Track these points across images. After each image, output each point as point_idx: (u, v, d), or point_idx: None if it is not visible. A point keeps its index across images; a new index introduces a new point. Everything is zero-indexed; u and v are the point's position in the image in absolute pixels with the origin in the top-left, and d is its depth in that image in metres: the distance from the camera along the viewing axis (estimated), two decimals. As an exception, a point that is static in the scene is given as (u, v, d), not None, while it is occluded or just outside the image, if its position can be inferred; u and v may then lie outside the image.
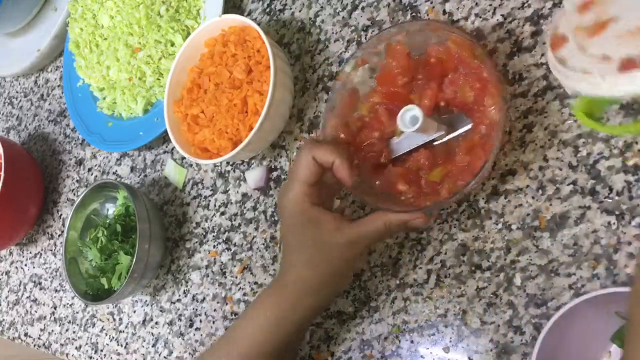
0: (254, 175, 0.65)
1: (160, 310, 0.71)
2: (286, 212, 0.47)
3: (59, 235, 0.86)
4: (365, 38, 0.60)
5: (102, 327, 0.77)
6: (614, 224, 0.44)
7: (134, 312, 0.74)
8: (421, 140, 0.46)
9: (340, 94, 0.51)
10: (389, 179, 0.47)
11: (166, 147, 0.75)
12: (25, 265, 0.90)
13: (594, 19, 0.42)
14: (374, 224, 0.46)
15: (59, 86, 0.91)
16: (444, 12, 0.55)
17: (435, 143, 0.47)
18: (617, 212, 0.44)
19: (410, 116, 0.44)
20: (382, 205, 0.47)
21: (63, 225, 0.85)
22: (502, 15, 0.51)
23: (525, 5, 0.50)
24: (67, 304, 0.82)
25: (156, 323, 0.71)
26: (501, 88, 0.44)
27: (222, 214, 0.68)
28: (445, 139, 0.46)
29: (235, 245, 0.66)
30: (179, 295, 0.70)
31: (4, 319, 0.91)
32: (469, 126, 0.45)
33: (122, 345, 0.74)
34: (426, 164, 0.46)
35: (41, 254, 0.88)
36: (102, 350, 0.76)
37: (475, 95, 0.45)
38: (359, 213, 0.56)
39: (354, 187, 0.47)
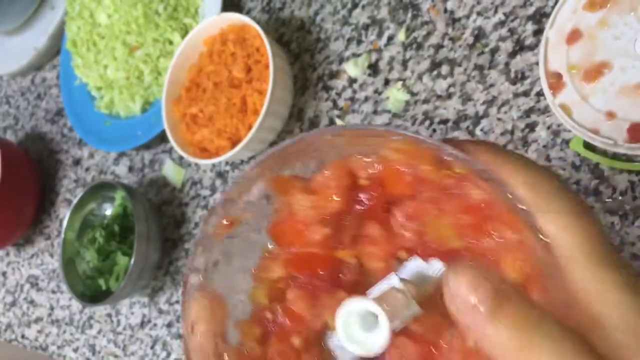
0: (253, 175, 0.64)
1: (159, 312, 0.71)
2: None
3: (56, 236, 0.85)
4: (366, 37, 0.59)
5: (100, 329, 0.77)
6: (617, 224, 0.43)
7: (132, 313, 0.73)
8: (384, 338, 0.22)
9: (192, 308, 0.25)
10: None
11: (164, 146, 0.74)
12: (22, 266, 0.89)
13: (584, 58, 0.42)
14: None
15: (56, 85, 0.91)
16: (445, 10, 0.54)
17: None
18: (620, 213, 0.43)
19: (359, 316, 0.22)
20: None
21: (60, 225, 0.84)
22: (504, 13, 0.51)
23: (528, 3, 0.50)
24: (65, 305, 0.82)
25: (154, 325, 0.71)
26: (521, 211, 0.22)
27: (221, 214, 0.67)
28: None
29: (234, 245, 0.65)
30: (178, 297, 0.69)
31: (0, 321, 0.90)
32: (412, 311, 0.22)
33: (120, 347, 0.74)
34: None
35: (38, 255, 0.87)
36: (99, 352, 0.76)
37: (466, 236, 0.22)
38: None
39: None
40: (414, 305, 0.22)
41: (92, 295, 0.70)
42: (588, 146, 0.43)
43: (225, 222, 0.25)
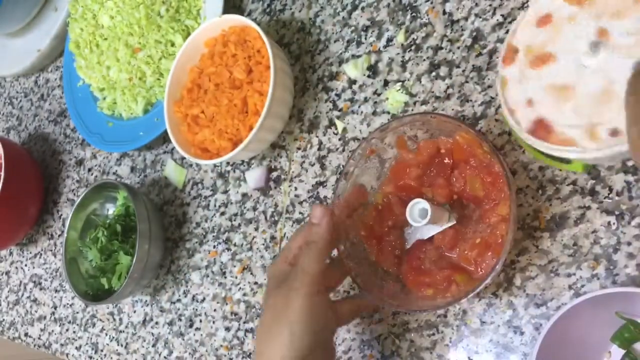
0: (254, 175, 0.65)
1: (160, 310, 0.71)
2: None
3: (59, 236, 0.86)
4: (365, 38, 0.60)
5: (102, 327, 0.77)
6: (613, 224, 0.44)
7: (134, 312, 0.74)
8: (433, 231, 0.47)
9: (348, 185, 0.50)
10: (404, 273, 0.48)
11: (166, 147, 0.75)
12: (25, 265, 0.90)
13: (541, 44, 0.43)
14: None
15: (59, 86, 0.92)
16: (444, 12, 0.55)
17: (437, 233, 0.47)
18: (617, 212, 0.44)
19: (419, 209, 0.44)
20: (393, 303, 0.46)
21: (63, 225, 0.85)
22: (502, 15, 0.51)
23: (525, 5, 0.50)
24: (67, 304, 0.82)
25: (156, 323, 0.71)
26: (511, 183, 0.42)
27: (222, 214, 0.68)
28: (437, 231, 0.46)
29: (235, 245, 0.66)
30: (179, 296, 0.70)
31: (4, 319, 0.91)
32: (451, 222, 0.46)
33: (122, 345, 0.74)
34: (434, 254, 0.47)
35: (41, 254, 0.88)
36: (102, 350, 0.77)
37: (485, 189, 0.45)
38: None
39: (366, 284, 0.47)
40: (452, 217, 0.46)
41: (94, 294, 0.70)
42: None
43: (369, 150, 0.49)
